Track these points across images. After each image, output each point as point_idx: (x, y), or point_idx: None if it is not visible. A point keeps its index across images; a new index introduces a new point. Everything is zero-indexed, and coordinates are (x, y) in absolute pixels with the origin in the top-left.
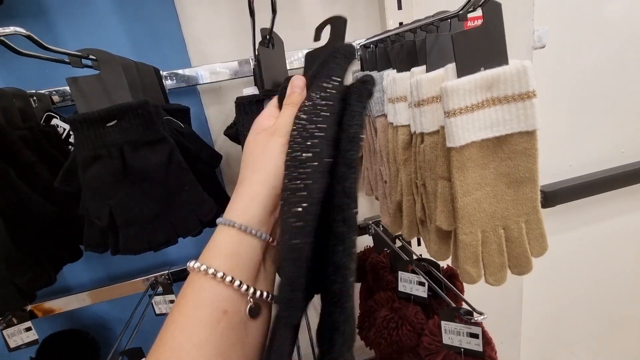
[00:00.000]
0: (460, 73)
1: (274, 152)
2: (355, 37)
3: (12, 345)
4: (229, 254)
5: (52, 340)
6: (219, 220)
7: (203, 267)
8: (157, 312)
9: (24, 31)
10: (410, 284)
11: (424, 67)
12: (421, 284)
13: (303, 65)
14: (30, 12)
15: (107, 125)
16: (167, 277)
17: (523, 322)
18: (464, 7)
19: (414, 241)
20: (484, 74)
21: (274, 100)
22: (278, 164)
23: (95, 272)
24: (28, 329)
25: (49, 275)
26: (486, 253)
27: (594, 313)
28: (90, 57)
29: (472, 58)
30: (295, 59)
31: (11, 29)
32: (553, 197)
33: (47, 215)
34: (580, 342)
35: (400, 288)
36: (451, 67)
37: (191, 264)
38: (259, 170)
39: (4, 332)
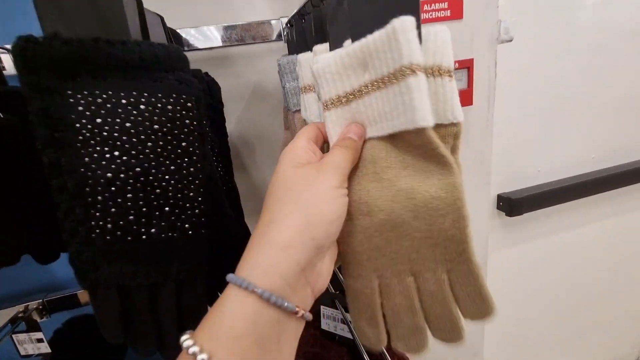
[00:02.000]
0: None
1: (322, 194)
2: (282, 12)
3: None
4: (238, 335)
5: None
6: (230, 276)
7: (201, 358)
8: (22, 353)
9: None
10: (334, 321)
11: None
12: (344, 322)
13: None
14: None
15: None
16: (41, 305)
17: (485, 337)
18: None
19: None
20: (350, 48)
21: (309, 130)
22: (324, 209)
23: None
24: None
25: None
26: (389, 308)
27: (562, 321)
28: None
29: (371, 25)
30: None
31: None
32: (519, 204)
33: None
34: (549, 350)
35: (324, 326)
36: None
37: (186, 342)
38: (297, 212)
39: None
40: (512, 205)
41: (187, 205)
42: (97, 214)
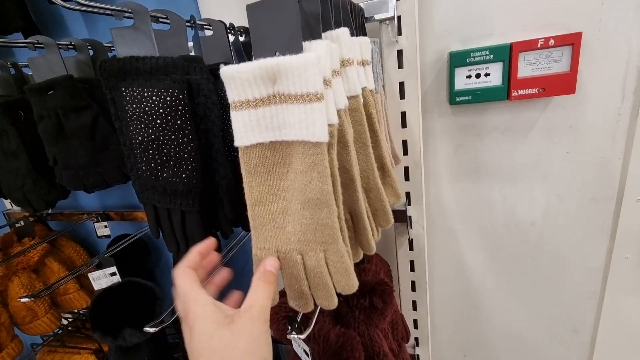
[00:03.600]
0: (255, 56)
1: (262, 341)
2: None
3: (99, 234)
4: None
5: (118, 238)
6: None
7: None
8: None
9: None
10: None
11: None
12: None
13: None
14: None
15: (48, 93)
16: None
17: None
18: None
19: None
20: (263, 62)
21: (191, 280)
22: (266, 352)
23: None
24: (105, 226)
25: (59, 193)
26: (285, 275)
27: None
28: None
29: (267, 38)
30: None
31: None
32: None
33: None
34: None
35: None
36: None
37: None
38: None
39: (95, 224)
40: None
41: (183, 163)
42: (138, 160)
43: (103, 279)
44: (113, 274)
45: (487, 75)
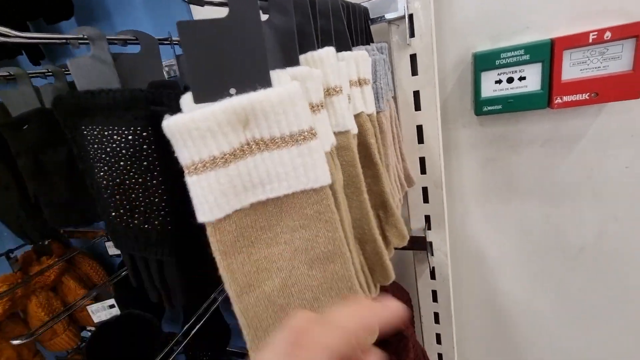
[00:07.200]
0: (198, 97)
1: None
2: None
3: (110, 253)
4: None
5: None
6: None
7: None
8: None
9: None
10: None
11: None
12: None
13: None
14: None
15: (23, 128)
16: None
17: None
18: None
19: None
20: (230, 104)
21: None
22: None
23: None
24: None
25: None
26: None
27: None
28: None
29: (215, 70)
30: None
31: None
32: None
33: None
34: None
35: None
36: None
37: None
38: None
39: (106, 243)
40: None
41: (154, 208)
42: (107, 205)
43: (102, 311)
44: (112, 306)
45: (521, 79)
